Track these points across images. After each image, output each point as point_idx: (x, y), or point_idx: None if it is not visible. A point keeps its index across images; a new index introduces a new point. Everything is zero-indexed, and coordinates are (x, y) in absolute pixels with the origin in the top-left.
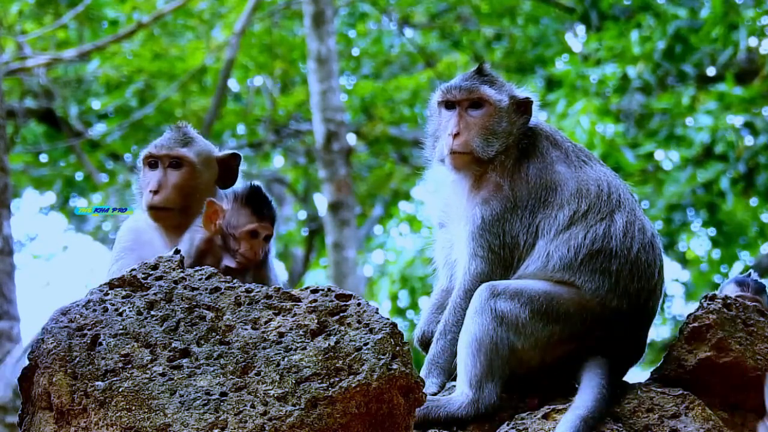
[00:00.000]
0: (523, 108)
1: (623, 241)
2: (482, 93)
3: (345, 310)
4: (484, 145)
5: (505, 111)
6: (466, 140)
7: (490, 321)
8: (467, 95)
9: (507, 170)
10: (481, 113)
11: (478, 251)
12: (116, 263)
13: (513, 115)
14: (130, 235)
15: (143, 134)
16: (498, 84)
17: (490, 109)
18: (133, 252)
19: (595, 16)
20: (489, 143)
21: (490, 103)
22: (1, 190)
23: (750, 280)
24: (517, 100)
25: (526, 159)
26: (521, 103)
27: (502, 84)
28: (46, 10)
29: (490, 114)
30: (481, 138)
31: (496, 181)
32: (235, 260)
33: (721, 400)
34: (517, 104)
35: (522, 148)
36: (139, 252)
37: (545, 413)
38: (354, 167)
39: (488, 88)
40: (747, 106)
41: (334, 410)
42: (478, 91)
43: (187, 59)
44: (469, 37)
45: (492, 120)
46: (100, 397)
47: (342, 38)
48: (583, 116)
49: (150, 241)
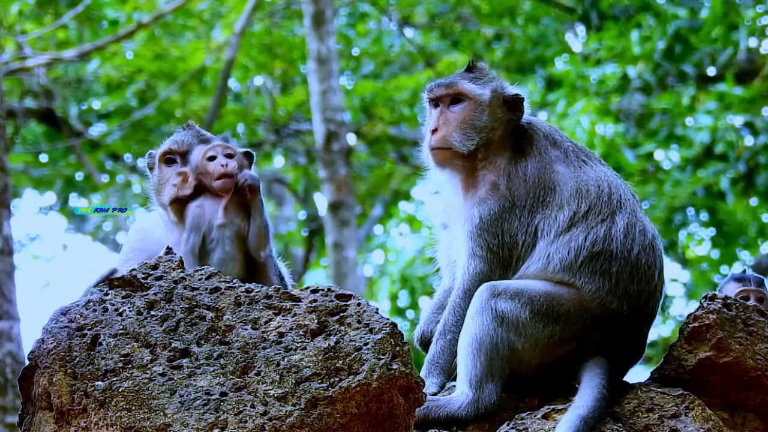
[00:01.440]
0: (511, 104)
1: (624, 243)
2: (461, 88)
3: (345, 310)
4: (462, 139)
5: (487, 105)
6: (444, 135)
7: (490, 321)
8: (447, 91)
9: (503, 169)
10: (461, 108)
11: (477, 251)
12: (125, 264)
13: (497, 110)
14: (138, 236)
15: (143, 134)
16: (484, 80)
17: (470, 104)
18: (143, 252)
19: (595, 16)
20: (468, 137)
21: (470, 97)
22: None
23: (748, 276)
24: (504, 95)
25: (524, 158)
26: (509, 100)
27: (491, 80)
28: (46, 10)
29: (471, 109)
30: (460, 132)
31: (492, 181)
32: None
33: (721, 400)
34: (504, 100)
35: (517, 147)
36: (148, 252)
37: (545, 413)
38: (354, 167)
39: (469, 83)
40: (747, 106)
41: (334, 410)
42: (456, 86)
43: (188, 59)
44: (469, 37)
45: (472, 114)
46: (100, 397)
47: (342, 38)
48: (583, 116)
49: (158, 240)
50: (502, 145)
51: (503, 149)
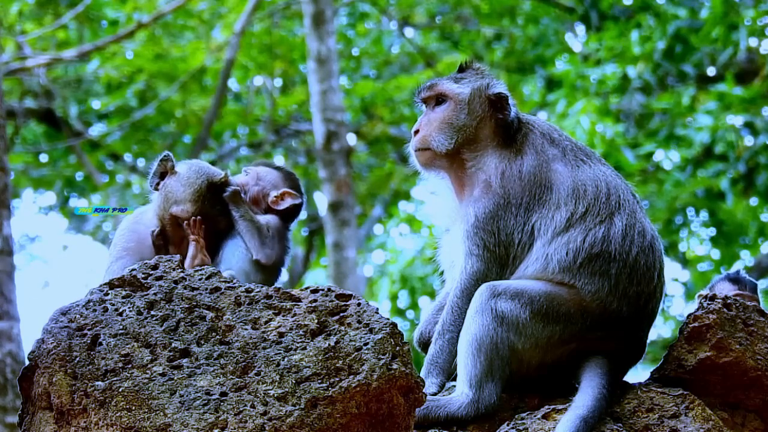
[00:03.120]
0: (494, 103)
1: (622, 245)
2: (441, 88)
3: (345, 310)
4: (441, 138)
5: (466, 103)
6: (424, 136)
7: (490, 321)
8: (429, 92)
9: (495, 167)
10: (443, 108)
11: (474, 250)
12: (116, 262)
13: (478, 109)
14: (132, 236)
15: (143, 134)
16: (468, 79)
17: (451, 104)
18: (135, 254)
19: (595, 16)
20: (446, 136)
21: (450, 97)
22: (1, 190)
23: (744, 278)
24: (485, 93)
25: (520, 156)
26: (492, 98)
27: (477, 79)
28: (46, 10)
29: (451, 108)
30: (438, 132)
31: (485, 179)
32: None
33: (721, 400)
34: (488, 98)
35: (511, 145)
36: (141, 253)
37: (545, 413)
38: (354, 167)
39: (451, 83)
40: (747, 106)
41: (334, 410)
42: (437, 87)
43: (188, 59)
44: (469, 37)
45: (451, 113)
46: (100, 397)
47: (342, 38)
48: (583, 116)
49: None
50: (490, 143)
51: (492, 148)
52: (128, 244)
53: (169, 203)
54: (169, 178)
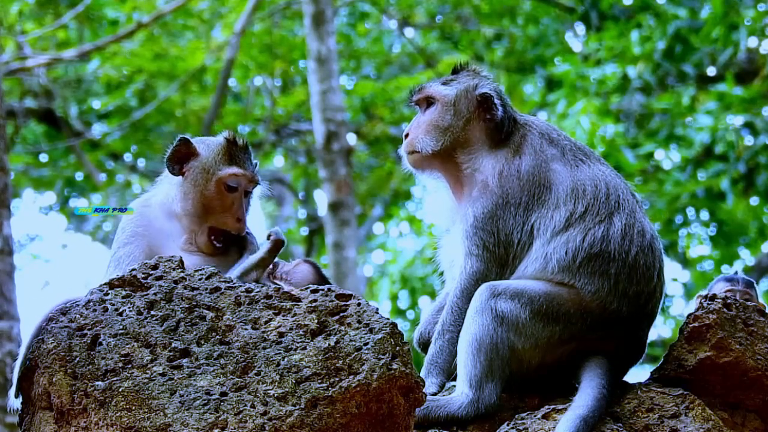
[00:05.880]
0: (482, 103)
1: (621, 245)
2: (428, 91)
3: (345, 310)
4: (427, 140)
5: (451, 105)
6: (411, 139)
7: (490, 321)
8: (418, 96)
9: (492, 167)
10: (432, 110)
11: (473, 249)
12: (123, 248)
13: (465, 110)
14: (142, 221)
15: (143, 134)
16: (458, 81)
17: (438, 106)
18: (144, 239)
19: (595, 16)
20: (432, 138)
21: (437, 99)
22: (1, 190)
23: (738, 277)
24: (472, 94)
25: (518, 156)
26: (479, 98)
27: (468, 80)
28: (46, 10)
29: (438, 110)
30: (425, 134)
31: (482, 180)
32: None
33: (721, 400)
34: (475, 99)
35: (508, 144)
36: (149, 239)
37: (545, 413)
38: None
39: (438, 85)
40: (747, 106)
41: (334, 410)
42: (425, 90)
43: (187, 59)
44: (469, 37)
45: (438, 115)
46: (100, 397)
47: (342, 38)
48: (583, 116)
49: (160, 229)
50: (483, 144)
51: (486, 148)
52: (137, 228)
53: (210, 174)
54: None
